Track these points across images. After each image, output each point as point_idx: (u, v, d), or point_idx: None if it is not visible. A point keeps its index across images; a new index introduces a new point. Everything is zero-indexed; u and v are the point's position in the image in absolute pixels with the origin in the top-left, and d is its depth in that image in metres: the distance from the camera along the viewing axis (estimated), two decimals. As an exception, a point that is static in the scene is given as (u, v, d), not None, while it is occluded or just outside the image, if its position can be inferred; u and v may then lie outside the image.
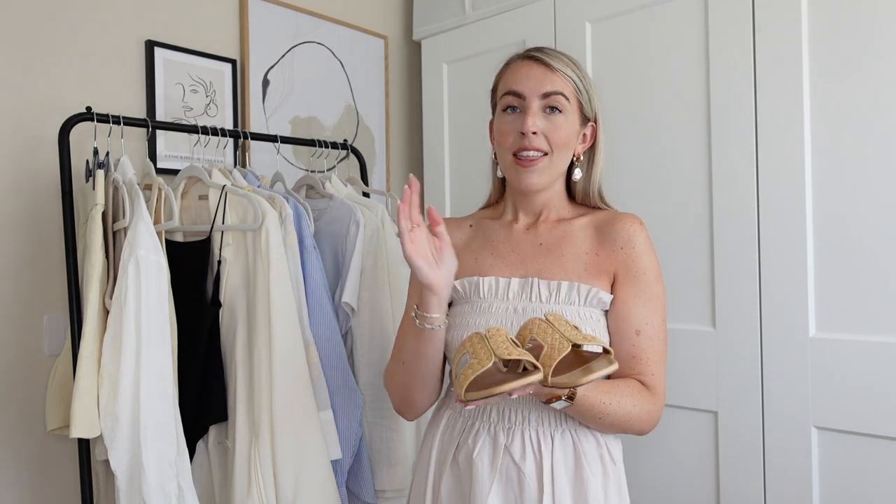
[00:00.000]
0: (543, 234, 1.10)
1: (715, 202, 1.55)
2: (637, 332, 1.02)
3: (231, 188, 1.48)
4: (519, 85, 1.05)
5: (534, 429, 1.02)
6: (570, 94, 1.05)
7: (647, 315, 1.03)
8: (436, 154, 2.19)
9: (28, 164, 1.52)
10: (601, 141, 1.13)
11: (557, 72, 1.05)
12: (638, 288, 1.03)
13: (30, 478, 1.52)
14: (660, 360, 1.03)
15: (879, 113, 1.35)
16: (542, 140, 1.04)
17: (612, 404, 0.96)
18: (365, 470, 1.58)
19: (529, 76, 1.05)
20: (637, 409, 0.99)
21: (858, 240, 1.37)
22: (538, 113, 1.04)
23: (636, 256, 1.04)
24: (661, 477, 1.63)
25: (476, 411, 1.06)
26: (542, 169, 1.05)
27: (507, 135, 1.06)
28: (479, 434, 1.04)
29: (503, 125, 1.07)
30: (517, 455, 1.01)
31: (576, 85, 1.06)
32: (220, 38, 1.87)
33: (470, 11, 2.07)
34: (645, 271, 1.04)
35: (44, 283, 1.54)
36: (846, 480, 1.38)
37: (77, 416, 1.23)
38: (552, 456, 1.00)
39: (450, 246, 0.97)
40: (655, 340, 1.03)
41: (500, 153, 1.09)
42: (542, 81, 1.04)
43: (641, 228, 1.06)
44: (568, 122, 1.05)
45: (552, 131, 1.04)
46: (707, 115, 1.57)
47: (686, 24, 1.61)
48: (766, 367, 1.47)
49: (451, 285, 0.99)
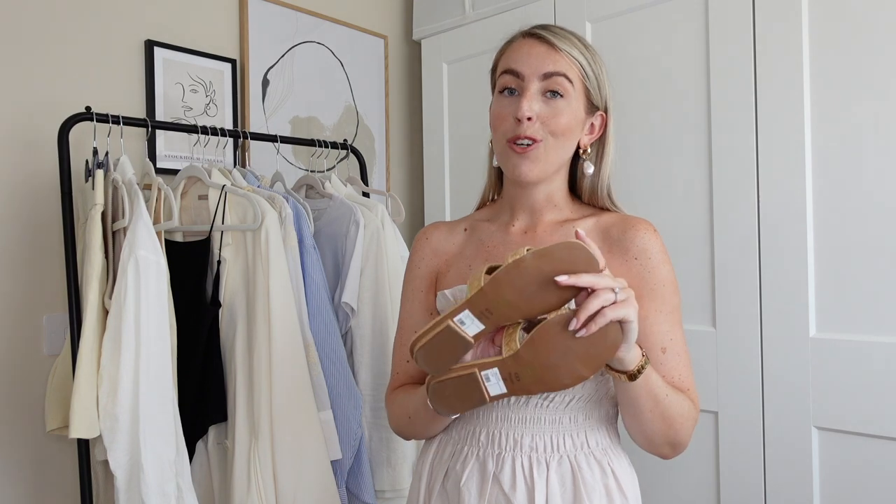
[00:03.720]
0: (543, 238, 1.00)
1: (715, 202, 1.55)
2: (663, 349, 0.93)
3: (230, 188, 1.47)
4: (518, 63, 0.95)
5: (526, 455, 0.92)
6: (574, 77, 0.94)
7: (670, 330, 0.94)
8: (436, 154, 2.19)
9: (28, 164, 1.52)
10: (612, 133, 1.02)
11: (561, 52, 0.94)
12: (657, 302, 0.94)
13: (30, 478, 1.51)
14: (689, 372, 0.95)
15: (879, 111, 1.35)
16: (538, 127, 0.93)
17: (669, 395, 0.88)
18: (365, 470, 1.58)
19: (531, 55, 0.94)
20: (684, 412, 0.90)
21: (858, 240, 1.37)
22: (536, 96, 0.93)
23: (652, 268, 0.94)
24: (661, 477, 1.63)
25: (464, 434, 0.97)
26: (537, 156, 0.94)
27: (502, 119, 0.96)
28: (468, 460, 0.95)
29: (498, 108, 0.97)
30: (507, 485, 0.91)
31: (582, 68, 0.95)
32: (220, 38, 1.87)
33: (470, 11, 2.07)
34: (664, 283, 0.94)
35: (43, 282, 1.54)
36: (846, 480, 1.38)
37: (76, 417, 1.23)
38: (546, 485, 0.91)
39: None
40: (683, 355, 0.95)
41: (494, 139, 0.99)
42: (543, 61, 0.93)
43: (656, 236, 0.96)
44: (570, 107, 0.94)
45: (550, 117, 0.93)
46: (707, 115, 1.57)
47: (686, 24, 1.61)
48: (767, 367, 1.47)
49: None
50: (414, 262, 1.08)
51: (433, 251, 1.07)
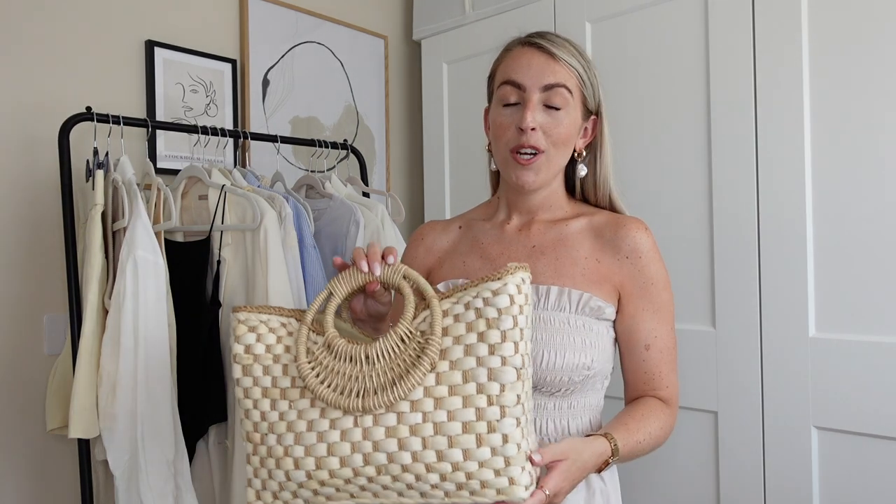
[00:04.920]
0: (537, 236, 1.02)
1: (715, 202, 1.55)
2: (646, 346, 0.97)
3: (230, 188, 1.48)
4: (519, 75, 0.96)
5: None
6: (573, 86, 0.97)
7: (656, 327, 0.97)
8: (436, 154, 2.19)
9: (28, 164, 1.52)
10: (607, 135, 1.04)
11: (560, 61, 0.96)
12: (645, 300, 0.97)
13: (30, 478, 1.52)
14: (671, 370, 0.99)
15: (880, 111, 1.35)
16: (541, 137, 0.95)
17: (642, 441, 0.93)
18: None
19: (531, 65, 0.96)
20: (661, 430, 0.95)
21: (858, 240, 1.37)
22: (538, 107, 0.95)
23: (643, 266, 0.97)
24: (660, 477, 1.63)
25: None
26: (540, 167, 0.97)
27: (504, 129, 0.98)
28: None
29: (500, 118, 0.98)
30: None
31: (580, 76, 0.98)
32: (220, 38, 1.88)
33: (470, 11, 2.07)
34: (653, 281, 0.97)
35: (44, 282, 1.54)
36: (846, 480, 1.38)
37: (75, 417, 1.23)
38: None
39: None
40: (665, 352, 0.98)
41: (496, 147, 1.01)
42: (543, 72, 0.96)
43: (647, 234, 0.99)
44: (569, 116, 0.97)
45: (552, 127, 0.96)
46: (707, 115, 1.57)
47: (686, 25, 1.61)
48: (766, 367, 1.47)
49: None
50: (406, 259, 1.12)
51: (426, 249, 1.11)
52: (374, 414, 0.80)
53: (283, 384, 0.84)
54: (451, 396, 0.78)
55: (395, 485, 0.80)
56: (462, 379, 0.79)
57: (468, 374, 0.79)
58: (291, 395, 0.83)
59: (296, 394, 0.83)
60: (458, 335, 0.80)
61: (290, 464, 0.81)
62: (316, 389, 0.81)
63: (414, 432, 0.78)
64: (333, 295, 0.86)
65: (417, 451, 0.78)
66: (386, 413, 0.79)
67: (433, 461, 0.78)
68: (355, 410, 0.80)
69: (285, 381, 0.84)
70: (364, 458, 0.79)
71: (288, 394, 0.84)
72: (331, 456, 0.80)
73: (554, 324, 0.94)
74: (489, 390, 0.78)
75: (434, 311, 0.81)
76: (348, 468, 0.80)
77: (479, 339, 0.79)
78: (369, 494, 0.83)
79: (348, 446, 0.80)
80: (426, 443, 0.78)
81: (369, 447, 0.79)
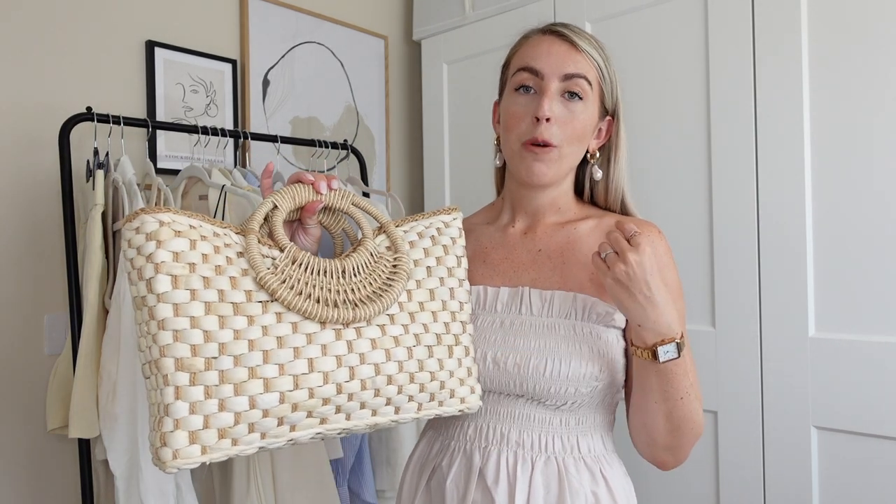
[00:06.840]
0: (542, 239, 0.97)
1: (715, 202, 1.55)
2: None
3: (230, 188, 1.48)
4: (538, 61, 0.91)
5: (512, 450, 0.90)
6: (593, 78, 0.92)
7: None
8: (436, 154, 2.19)
9: (28, 164, 1.52)
10: (623, 138, 0.99)
11: (583, 52, 0.91)
12: None
13: (30, 478, 1.52)
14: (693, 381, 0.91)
15: (879, 111, 1.35)
16: (556, 131, 0.90)
17: (690, 391, 0.85)
18: (366, 469, 1.58)
19: (551, 53, 0.91)
20: (699, 416, 0.88)
21: (858, 240, 1.37)
22: (555, 97, 0.90)
23: None
24: (660, 476, 1.63)
25: (452, 430, 0.95)
26: (551, 160, 0.91)
27: (517, 119, 0.92)
28: (455, 455, 0.93)
29: (514, 107, 0.93)
30: (490, 478, 0.89)
31: (600, 70, 0.93)
32: (220, 38, 1.88)
33: (470, 11, 2.07)
34: (667, 289, 0.89)
35: (44, 282, 1.54)
36: (846, 480, 1.38)
37: (75, 417, 1.23)
38: (530, 485, 0.88)
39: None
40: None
41: (505, 139, 0.95)
42: (564, 60, 0.90)
43: (661, 239, 0.93)
44: (587, 111, 0.92)
45: (568, 120, 0.90)
46: (707, 115, 1.57)
47: (686, 25, 1.61)
48: (766, 367, 1.47)
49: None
50: None
51: None
52: (357, 327, 0.77)
53: (234, 298, 0.72)
54: (422, 311, 0.84)
55: (374, 400, 0.77)
56: (429, 297, 0.86)
57: (434, 292, 0.86)
58: (250, 309, 0.73)
59: (256, 308, 0.73)
60: (417, 258, 0.88)
61: (258, 387, 0.70)
62: (293, 301, 0.74)
63: (398, 343, 0.80)
64: (278, 208, 0.79)
65: (403, 361, 0.79)
66: (368, 326, 0.78)
67: (416, 370, 0.80)
68: (345, 321, 0.75)
69: (238, 295, 0.73)
70: (350, 372, 0.75)
71: (244, 308, 0.72)
72: (313, 372, 0.73)
73: (559, 331, 0.90)
74: (451, 307, 0.87)
75: (393, 234, 0.87)
76: (331, 385, 0.74)
77: (437, 262, 0.88)
78: (342, 417, 0.76)
79: (332, 360, 0.74)
80: (410, 353, 0.80)
81: (355, 360, 0.75)
